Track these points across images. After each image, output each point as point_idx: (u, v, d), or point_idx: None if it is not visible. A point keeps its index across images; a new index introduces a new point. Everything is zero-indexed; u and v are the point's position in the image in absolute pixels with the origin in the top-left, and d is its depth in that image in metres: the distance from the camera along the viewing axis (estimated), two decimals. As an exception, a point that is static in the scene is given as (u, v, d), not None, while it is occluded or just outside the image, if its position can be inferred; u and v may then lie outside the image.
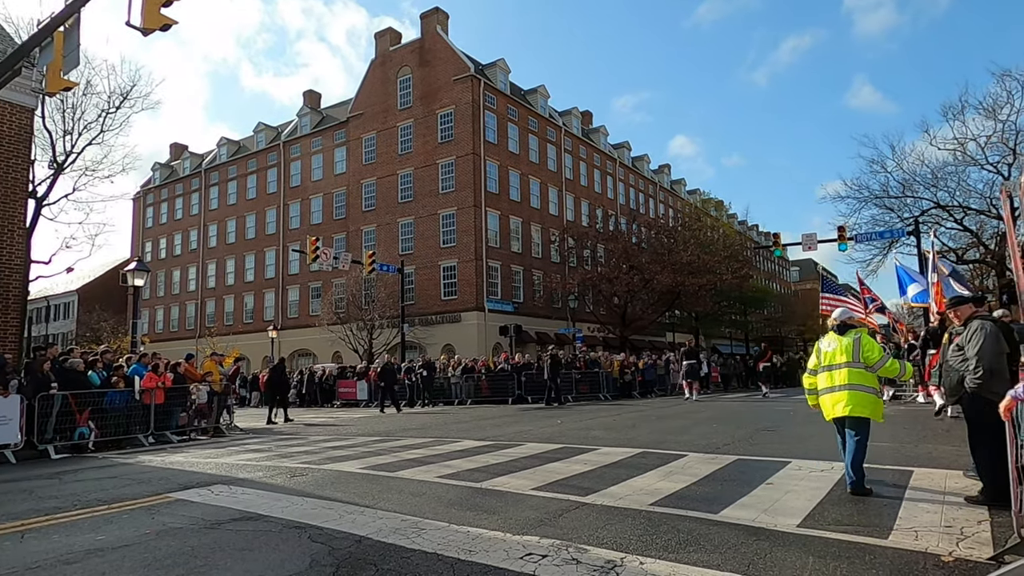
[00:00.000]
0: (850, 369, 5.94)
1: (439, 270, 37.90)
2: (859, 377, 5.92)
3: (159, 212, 56.68)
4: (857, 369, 5.93)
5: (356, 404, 26.05)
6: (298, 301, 45.20)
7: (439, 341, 35.62)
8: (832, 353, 6.15)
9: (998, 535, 4.32)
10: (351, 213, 42.60)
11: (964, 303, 5.82)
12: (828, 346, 6.23)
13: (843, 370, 5.98)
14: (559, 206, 44.50)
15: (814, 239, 28.31)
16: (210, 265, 51.59)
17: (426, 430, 13.60)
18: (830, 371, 6.12)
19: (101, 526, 5.49)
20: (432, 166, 38.95)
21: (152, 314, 54.03)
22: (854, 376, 5.92)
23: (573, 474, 7.18)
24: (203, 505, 6.18)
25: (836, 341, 6.17)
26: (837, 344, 6.14)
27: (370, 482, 7.18)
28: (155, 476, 8.32)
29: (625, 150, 55.11)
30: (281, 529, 5.12)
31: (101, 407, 12.21)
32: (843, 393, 5.92)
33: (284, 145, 47.70)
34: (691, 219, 46.88)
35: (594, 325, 40.00)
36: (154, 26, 8.50)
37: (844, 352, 6.03)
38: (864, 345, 6.00)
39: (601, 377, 24.23)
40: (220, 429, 15.02)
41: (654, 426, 12.61)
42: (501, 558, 4.14)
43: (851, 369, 5.94)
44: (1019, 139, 26.75)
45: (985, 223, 30.44)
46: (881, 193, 31.28)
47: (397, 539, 4.66)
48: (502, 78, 41.08)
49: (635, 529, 4.79)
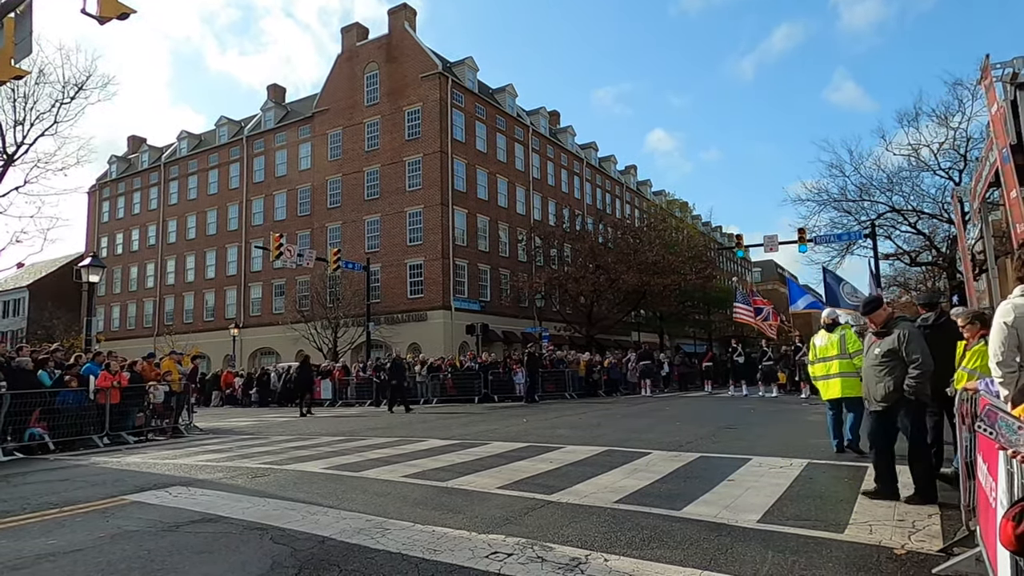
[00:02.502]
0: (839, 360, 7.30)
1: (405, 268, 37.63)
2: (847, 366, 7.22)
3: (116, 206, 55.04)
4: (845, 360, 7.25)
5: (320, 403, 25.69)
6: (261, 299, 44.39)
7: (405, 340, 35.37)
8: (824, 347, 7.52)
9: (948, 528, 4.47)
10: (316, 210, 42.00)
11: (879, 306, 5.56)
12: (820, 341, 7.65)
13: (834, 361, 7.35)
14: (526, 205, 44.59)
15: (775, 241, 28.92)
16: (169, 261, 50.32)
17: (391, 429, 13.50)
18: (824, 362, 7.51)
19: (52, 530, 5.30)
20: (399, 163, 38.65)
21: (108, 311, 52.47)
22: (844, 366, 7.26)
23: (538, 472, 7.20)
24: (160, 507, 6.02)
25: (826, 337, 7.55)
26: (827, 339, 7.51)
27: (334, 482, 7.09)
28: (109, 478, 8.07)
29: (592, 150, 55.50)
30: (242, 531, 5.02)
31: (52, 407, 11.81)
32: (836, 380, 7.34)
33: (247, 140, 46.77)
34: (656, 220, 47.47)
35: (560, 324, 40.19)
36: (111, 15, 8.25)
37: (833, 346, 7.38)
38: (848, 339, 7.32)
39: (567, 376, 24.37)
40: (179, 429, 14.65)
41: (619, 424, 12.73)
42: (467, 557, 4.13)
43: (840, 360, 7.28)
44: (970, 146, 27.71)
45: (937, 227, 31.47)
46: (839, 197, 32.10)
47: (361, 539, 4.61)
48: (470, 76, 40.97)
49: (600, 527, 4.82)
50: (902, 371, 5.20)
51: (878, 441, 5.50)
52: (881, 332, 5.39)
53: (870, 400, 5.51)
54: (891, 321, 5.41)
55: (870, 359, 5.43)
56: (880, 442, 5.48)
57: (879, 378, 5.32)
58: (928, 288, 44.11)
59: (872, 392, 5.45)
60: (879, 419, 5.50)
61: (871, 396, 5.48)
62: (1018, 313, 3.39)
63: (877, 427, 5.52)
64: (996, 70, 6.45)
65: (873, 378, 5.37)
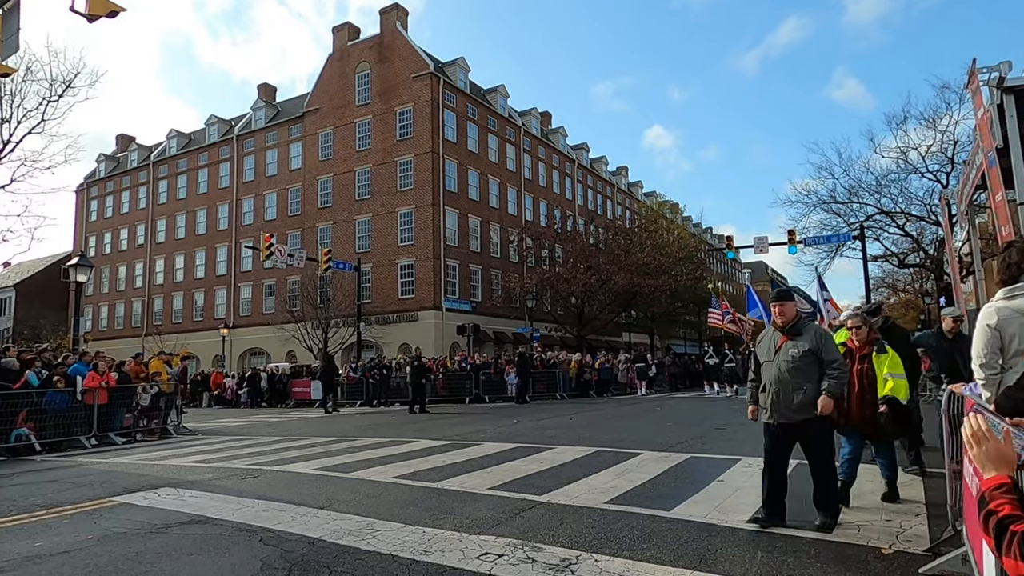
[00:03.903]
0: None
1: (396, 268, 37.53)
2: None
3: (104, 205, 54.58)
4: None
5: (310, 404, 25.60)
6: (251, 299, 44.13)
7: (396, 340, 35.28)
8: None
9: (934, 528, 4.51)
10: (307, 210, 41.83)
11: (791, 298, 5.01)
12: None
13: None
14: (518, 206, 44.59)
15: (765, 242, 29.06)
16: (158, 261, 49.95)
17: (382, 430, 13.47)
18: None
19: (39, 532, 5.26)
20: (390, 163, 38.55)
21: (96, 311, 52.03)
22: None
23: (529, 473, 7.21)
24: (149, 509, 5.99)
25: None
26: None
27: (324, 483, 7.07)
28: (97, 479, 8.01)
29: (584, 151, 55.59)
30: (231, 532, 5.00)
31: (39, 408, 11.70)
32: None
33: (237, 139, 46.50)
34: (647, 221, 47.59)
35: (551, 325, 40.22)
36: (100, 12, 8.19)
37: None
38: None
39: (558, 376, 24.40)
40: (168, 430, 14.56)
41: (609, 425, 12.76)
42: (457, 558, 4.13)
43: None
44: (957, 149, 27.97)
45: (925, 229, 31.76)
46: (829, 199, 32.32)
47: (351, 540, 4.60)
48: (462, 76, 40.93)
49: (590, 527, 4.84)
50: (821, 376, 4.68)
51: (775, 461, 4.82)
52: (790, 331, 4.82)
53: (778, 410, 4.75)
54: (800, 320, 4.94)
55: (784, 360, 4.75)
56: (777, 463, 4.81)
57: (796, 383, 4.68)
58: (916, 290, 44.54)
59: (783, 400, 4.72)
60: (784, 433, 4.79)
61: (781, 405, 4.74)
62: (1001, 316, 3.43)
63: (779, 443, 4.82)
64: (983, 74, 6.51)
65: (788, 383, 4.70)
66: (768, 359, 4.91)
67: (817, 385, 4.63)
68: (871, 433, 5.42)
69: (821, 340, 4.75)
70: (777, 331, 4.94)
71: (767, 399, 4.83)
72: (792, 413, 4.70)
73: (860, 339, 5.49)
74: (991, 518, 1.46)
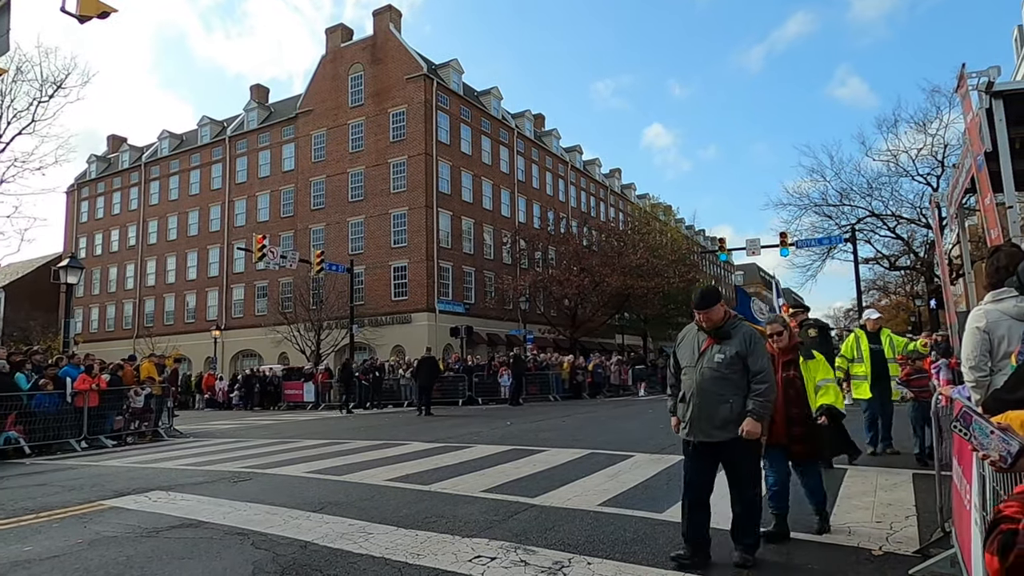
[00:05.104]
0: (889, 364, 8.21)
1: (389, 270, 37.48)
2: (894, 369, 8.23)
3: (95, 206, 54.25)
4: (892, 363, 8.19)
5: (303, 406, 25.52)
6: (243, 300, 43.96)
7: (389, 342, 35.23)
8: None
9: (924, 530, 4.54)
10: (299, 211, 41.71)
11: (713, 304, 4.14)
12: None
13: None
14: (511, 208, 44.61)
15: (757, 244, 29.21)
16: (149, 262, 49.68)
17: (374, 432, 13.44)
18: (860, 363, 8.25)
19: (28, 536, 5.22)
20: (383, 165, 38.50)
21: (86, 313, 51.69)
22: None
23: (522, 476, 7.22)
24: (139, 512, 5.95)
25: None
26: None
27: (316, 486, 7.05)
28: (88, 483, 7.96)
29: (577, 153, 55.69)
30: (223, 536, 4.98)
31: (29, 410, 11.61)
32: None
33: (230, 140, 46.34)
34: (640, 223, 47.70)
35: (545, 327, 40.23)
36: (91, 13, 8.16)
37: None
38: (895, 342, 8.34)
39: (551, 378, 24.42)
40: (159, 433, 14.48)
41: (603, 427, 12.78)
42: (450, 561, 4.13)
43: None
44: (947, 152, 28.21)
45: (915, 232, 32.02)
46: (820, 201, 32.52)
47: (344, 544, 4.59)
48: (455, 78, 40.94)
49: (583, 530, 4.84)
50: (748, 386, 4.02)
51: (697, 486, 4.08)
52: (718, 333, 4.09)
53: (698, 426, 4.02)
54: (730, 321, 4.16)
55: (708, 368, 4.02)
56: (699, 489, 4.08)
57: (720, 395, 3.95)
58: (907, 292, 44.81)
59: (704, 414, 3.98)
60: (705, 454, 4.05)
61: (702, 420, 4.00)
62: (990, 319, 3.47)
63: (699, 465, 4.08)
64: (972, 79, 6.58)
65: (711, 395, 3.96)
66: (690, 364, 4.15)
67: (746, 399, 3.95)
68: (801, 453, 4.54)
69: (749, 344, 4.01)
70: (702, 331, 4.18)
71: (686, 412, 4.08)
72: (714, 430, 3.96)
73: (780, 346, 4.64)
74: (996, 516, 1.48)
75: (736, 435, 3.90)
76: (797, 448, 4.53)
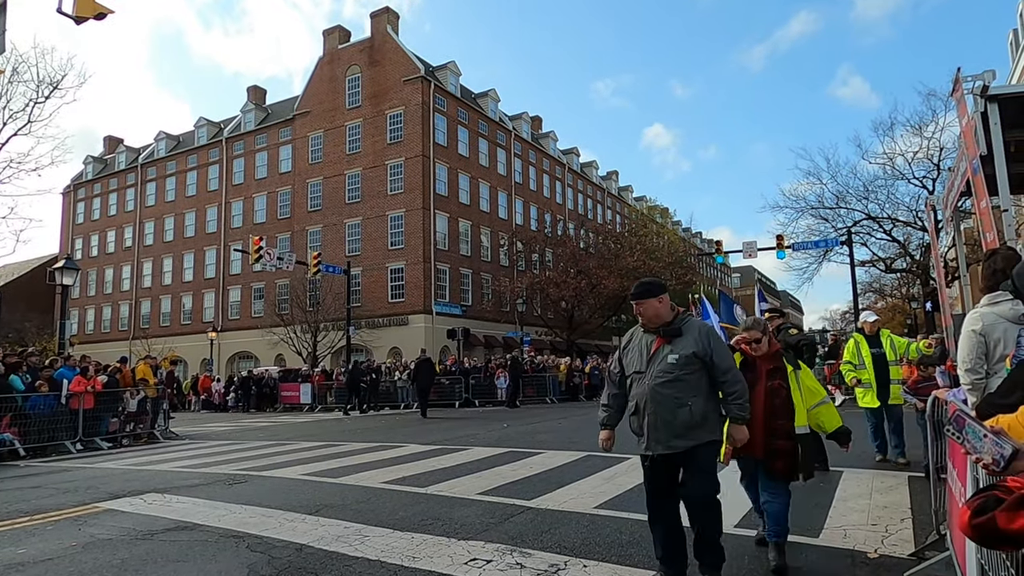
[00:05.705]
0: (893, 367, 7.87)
1: (386, 272, 37.46)
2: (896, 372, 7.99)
3: (91, 208, 54.13)
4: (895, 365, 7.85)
5: (299, 408, 25.47)
6: (239, 302, 43.89)
7: (385, 344, 35.19)
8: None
9: (919, 532, 4.55)
10: (296, 213, 41.68)
11: (649, 296, 3.79)
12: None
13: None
14: (508, 210, 44.63)
15: (754, 247, 29.27)
16: (146, 264, 49.58)
17: (371, 434, 13.42)
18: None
19: (22, 539, 5.20)
20: (381, 167, 38.50)
21: (82, 314, 51.54)
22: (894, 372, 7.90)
23: (519, 478, 7.21)
24: (134, 515, 5.93)
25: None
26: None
27: (312, 489, 7.03)
28: (82, 485, 7.93)
29: (574, 155, 55.77)
30: (218, 538, 4.96)
31: (23, 412, 11.57)
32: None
33: (227, 141, 46.29)
34: (637, 225, 47.77)
35: (542, 329, 40.25)
36: (87, 14, 8.15)
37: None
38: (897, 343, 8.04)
39: (548, 380, 24.41)
40: (155, 435, 14.44)
41: (599, 429, 12.76)
42: (446, 564, 4.13)
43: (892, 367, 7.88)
44: (943, 155, 28.26)
45: (912, 234, 32.06)
46: (817, 204, 32.57)
47: (339, 547, 4.58)
48: (452, 80, 40.97)
49: (579, 532, 4.84)
50: (711, 388, 3.65)
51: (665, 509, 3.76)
52: (667, 331, 3.70)
53: (657, 437, 3.62)
54: (679, 317, 3.80)
55: (660, 371, 3.61)
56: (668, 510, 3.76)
57: (679, 399, 3.54)
58: (903, 294, 44.92)
59: (662, 423, 3.58)
60: (667, 468, 3.69)
61: (660, 431, 3.59)
62: (986, 322, 3.48)
63: (661, 482, 3.73)
64: (967, 83, 6.60)
65: (668, 400, 3.56)
66: (639, 369, 3.73)
67: (706, 400, 3.60)
68: (781, 469, 4.06)
69: (708, 341, 3.63)
70: (649, 332, 3.78)
71: (641, 423, 3.69)
72: (674, 439, 3.56)
73: (759, 354, 4.25)
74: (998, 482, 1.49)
75: (699, 441, 3.55)
76: (777, 464, 4.04)
